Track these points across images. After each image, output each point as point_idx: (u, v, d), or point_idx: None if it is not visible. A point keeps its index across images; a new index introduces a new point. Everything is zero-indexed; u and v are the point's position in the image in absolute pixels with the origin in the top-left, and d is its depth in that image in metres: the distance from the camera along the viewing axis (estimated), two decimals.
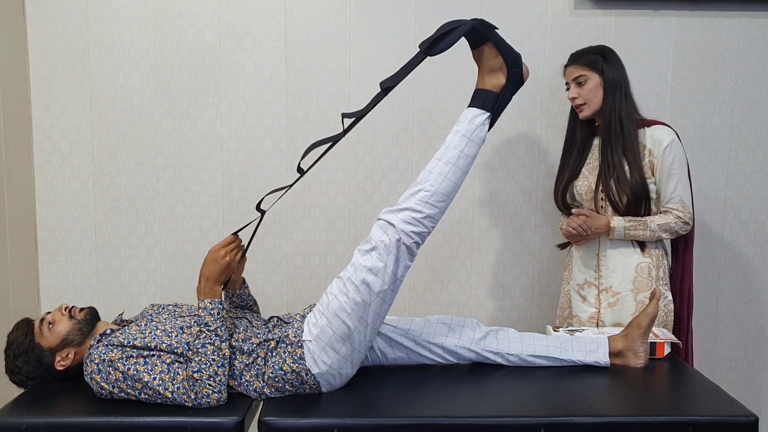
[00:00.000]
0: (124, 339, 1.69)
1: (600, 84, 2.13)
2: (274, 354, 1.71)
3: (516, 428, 1.56)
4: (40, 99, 2.52)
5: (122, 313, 1.98)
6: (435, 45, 1.71)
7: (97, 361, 1.65)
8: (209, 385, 1.63)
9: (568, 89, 2.20)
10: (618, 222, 2.11)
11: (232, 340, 1.73)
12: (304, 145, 2.54)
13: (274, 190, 1.86)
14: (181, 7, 2.50)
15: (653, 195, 2.13)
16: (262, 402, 1.72)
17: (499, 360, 1.89)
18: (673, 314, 2.19)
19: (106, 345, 1.68)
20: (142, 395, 1.65)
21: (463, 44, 1.77)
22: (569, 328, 2.09)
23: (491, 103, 1.74)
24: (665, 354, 1.96)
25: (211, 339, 1.66)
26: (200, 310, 1.70)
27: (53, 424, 1.59)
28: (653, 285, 2.14)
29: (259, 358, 1.72)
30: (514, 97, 1.79)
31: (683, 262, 2.24)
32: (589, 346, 1.89)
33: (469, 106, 1.76)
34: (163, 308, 1.93)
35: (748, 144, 2.59)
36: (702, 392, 1.73)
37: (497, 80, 1.75)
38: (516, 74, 1.75)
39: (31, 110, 2.53)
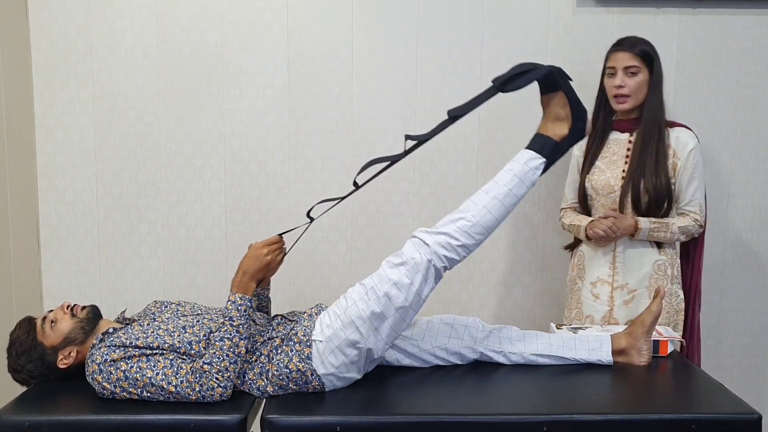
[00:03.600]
0: (126, 339, 1.69)
1: (647, 80, 2.12)
2: (279, 352, 1.71)
3: (519, 426, 1.56)
4: (42, 98, 2.52)
5: (124, 311, 1.98)
6: (509, 83, 1.72)
7: (98, 361, 1.65)
8: (216, 378, 1.62)
9: (611, 75, 2.14)
10: (644, 224, 2.11)
11: None
12: (306, 143, 2.56)
13: (325, 200, 1.86)
14: (184, 7, 2.50)
15: (672, 196, 2.15)
16: (264, 400, 1.72)
17: (501, 359, 1.88)
18: (683, 313, 2.21)
19: (108, 346, 1.67)
20: (145, 393, 1.65)
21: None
22: (572, 326, 2.08)
23: (549, 149, 1.75)
24: (668, 352, 1.96)
25: (230, 334, 1.65)
26: (228, 303, 1.69)
27: (56, 422, 1.59)
28: (668, 283, 2.16)
29: (263, 356, 1.72)
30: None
31: (693, 263, 2.28)
32: (592, 345, 1.89)
33: (526, 148, 1.77)
34: (167, 306, 1.93)
35: (751, 141, 2.59)
36: (705, 390, 1.72)
37: (560, 130, 1.76)
38: (579, 129, 1.77)
39: (33, 110, 2.53)
